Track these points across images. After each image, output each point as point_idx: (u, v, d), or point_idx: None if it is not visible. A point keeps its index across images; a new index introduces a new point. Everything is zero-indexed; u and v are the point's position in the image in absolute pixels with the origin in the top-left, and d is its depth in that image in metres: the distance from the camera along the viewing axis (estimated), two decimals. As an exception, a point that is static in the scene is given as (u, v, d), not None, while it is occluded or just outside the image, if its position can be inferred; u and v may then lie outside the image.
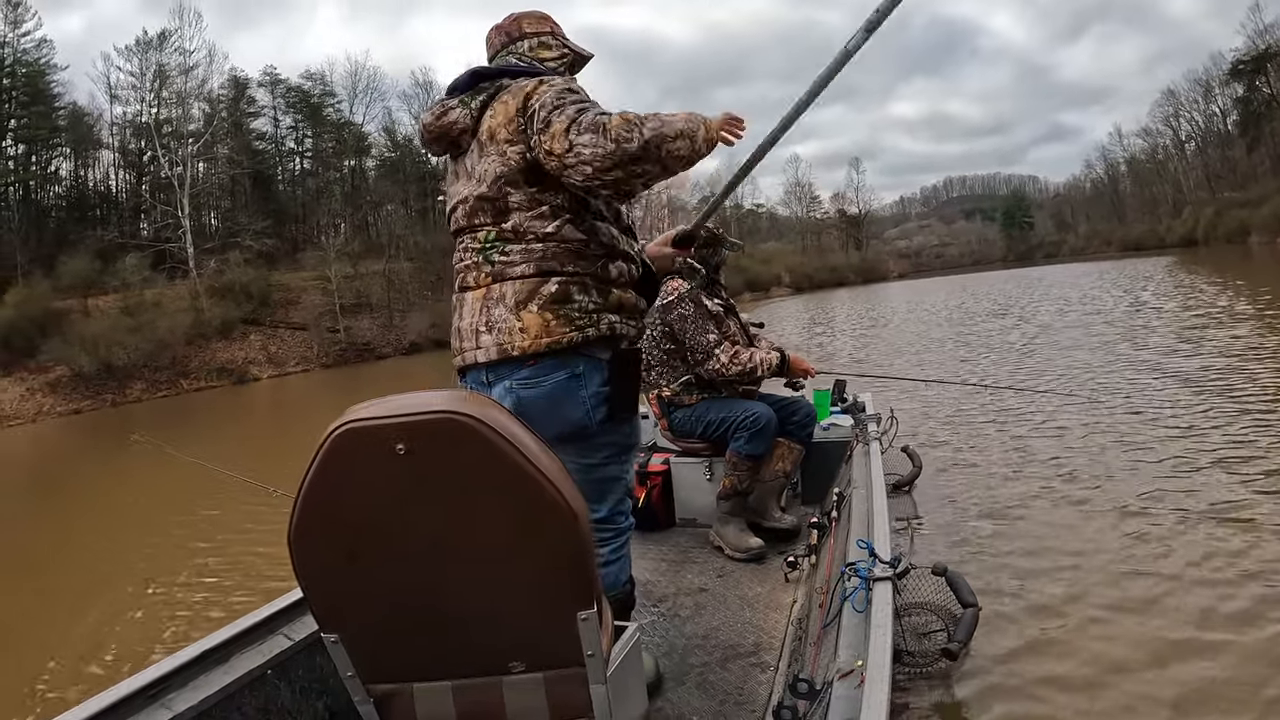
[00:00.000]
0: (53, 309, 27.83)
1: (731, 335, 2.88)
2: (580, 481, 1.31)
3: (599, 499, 1.58)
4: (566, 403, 1.47)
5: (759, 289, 50.96)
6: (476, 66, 1.61)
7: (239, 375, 29.15)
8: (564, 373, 1.46)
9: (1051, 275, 29.69)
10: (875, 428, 3.08)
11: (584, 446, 1.53)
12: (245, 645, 1.53)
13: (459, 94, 1.59)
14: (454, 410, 1.07)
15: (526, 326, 1.44)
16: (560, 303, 1.46)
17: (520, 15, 1.69)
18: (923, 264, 77.72)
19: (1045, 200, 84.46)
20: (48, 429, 21.99)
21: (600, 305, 1.49)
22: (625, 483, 1.64)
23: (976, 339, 11.42)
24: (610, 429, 1.53)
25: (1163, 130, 59.29)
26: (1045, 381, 6.80)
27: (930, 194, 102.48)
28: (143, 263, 31.57)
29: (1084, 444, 4.57)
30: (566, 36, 1.72)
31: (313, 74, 42.66)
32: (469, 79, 1.58)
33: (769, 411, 2.75)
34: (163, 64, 36.77)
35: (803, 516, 2.91)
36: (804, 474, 3.22)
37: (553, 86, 1.45)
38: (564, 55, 1.68)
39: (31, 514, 8.70)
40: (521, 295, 1.46)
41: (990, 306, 17.44)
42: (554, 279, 1.47)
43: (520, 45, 1.66)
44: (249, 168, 38.76)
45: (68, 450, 15.91)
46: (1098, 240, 64.80)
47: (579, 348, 1.46)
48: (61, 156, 36.94)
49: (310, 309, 32.89)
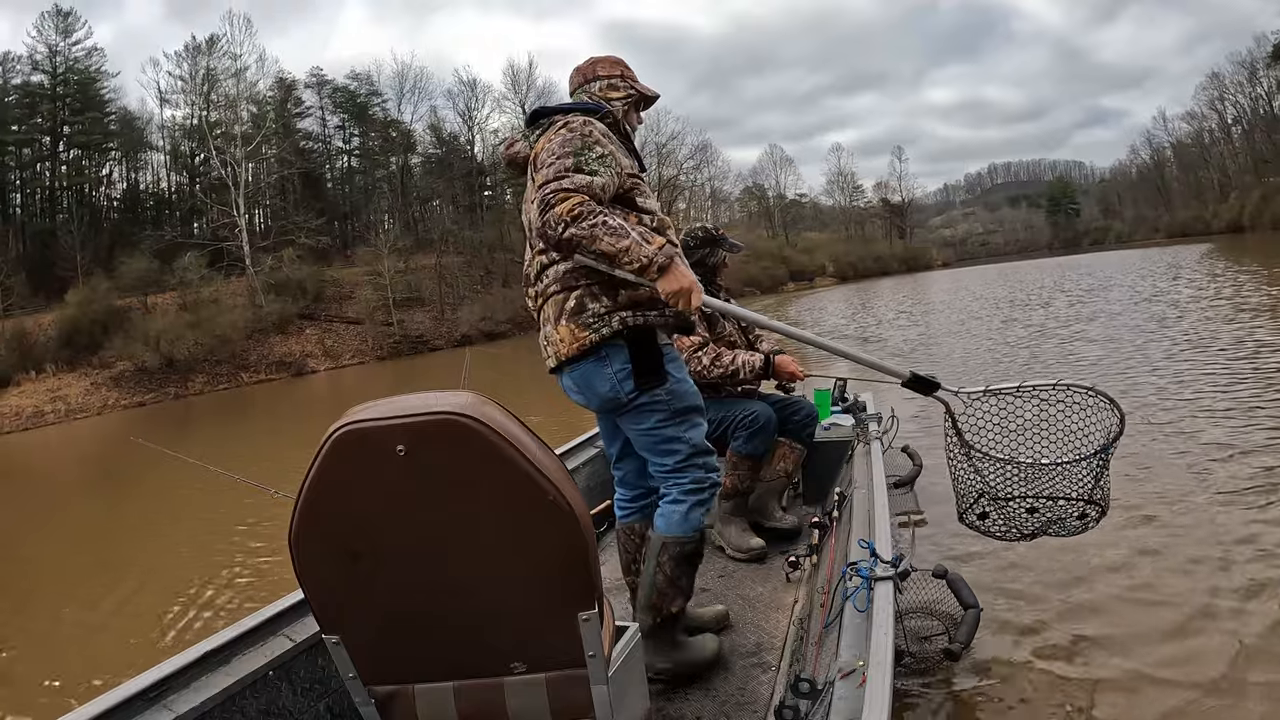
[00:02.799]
0: (114, 307, 29.39)
1: (726, 336, 2.87)
2: (644, 445, 1.83)
3: (662, 456, 1.82)
4: (597, 380, 1.75)
5: (803, 279, 51.16)
6: (537, 107, 1.90)
7: (297, 368, 30.31)
8: (593, 359, 1.74)
9: (1101, 263, 28.87)
10: (876, 427, 3.07)
11: (635, 415, 1.79)
12: (247, 646, 1.53)
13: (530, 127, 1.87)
14: (454, 411, 1.07)
15: (562, 338, 1.74)
16: (578, 313, 1.72)
17: (597, 60, 1.97)
18: (967, 252, 76.79)
19: (1091, 186, 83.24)
20: (113, 421, 23.02)
21: (611, 307, 1.71)
22: (689, 441, 1.81)
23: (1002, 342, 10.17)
24: (646, 397, 1.75)
25: (1208, 114, 57.08)
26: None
27: (974, 181, 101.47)
28: (200, 261, 32.71)
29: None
30: (635, 79, 1.97)
31: (358, 74, 44.09)
32: (531, 116, 1.87)
33: (768, 410, 2.75)
34: (212, 68, 37.99)
35: (804, 516, 2.91)
36: (805, 474, 3.21)
37: (558, 135, 1.69)
38: (629, 95, 1.93)
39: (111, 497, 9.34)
40: (556, 312, 1.75)
41: (1027, 298, 16.78)
42: (573, 294, 1.73)
43: (592, 85, 1.93)
44: (299, 167, 39.90)
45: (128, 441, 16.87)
46: (1144, 227, 63.37)
47: (599, 344, 1.72)
48: (114, 160, 38.50)
49: (364, 303, 33.93)
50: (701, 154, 53.75)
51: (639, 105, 1.98)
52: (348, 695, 1.28)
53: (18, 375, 26.55)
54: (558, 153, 1.65)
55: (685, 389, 1.81)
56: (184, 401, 26.24)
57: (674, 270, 1.58)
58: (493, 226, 40.06)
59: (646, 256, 1.55)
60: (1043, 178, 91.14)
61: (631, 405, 1.77)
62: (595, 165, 1.64)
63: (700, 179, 54.79)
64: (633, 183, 1.78)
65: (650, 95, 1.98)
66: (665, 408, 1.77)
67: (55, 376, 27.03)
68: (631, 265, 1.56)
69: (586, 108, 1.83)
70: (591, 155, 1.65)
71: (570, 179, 1.60)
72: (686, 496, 1.81)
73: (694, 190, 54.55)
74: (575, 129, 1.69)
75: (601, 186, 1.64)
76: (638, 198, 1.79)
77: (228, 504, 6.38)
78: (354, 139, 44.56)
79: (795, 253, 54.98)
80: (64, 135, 36.41)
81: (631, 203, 1.78)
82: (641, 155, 1.95)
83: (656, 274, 1.57)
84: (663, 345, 1.79)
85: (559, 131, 1.70)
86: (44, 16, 36.12)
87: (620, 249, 1.55)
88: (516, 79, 42.32)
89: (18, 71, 35.56)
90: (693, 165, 52.89)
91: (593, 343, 1.71)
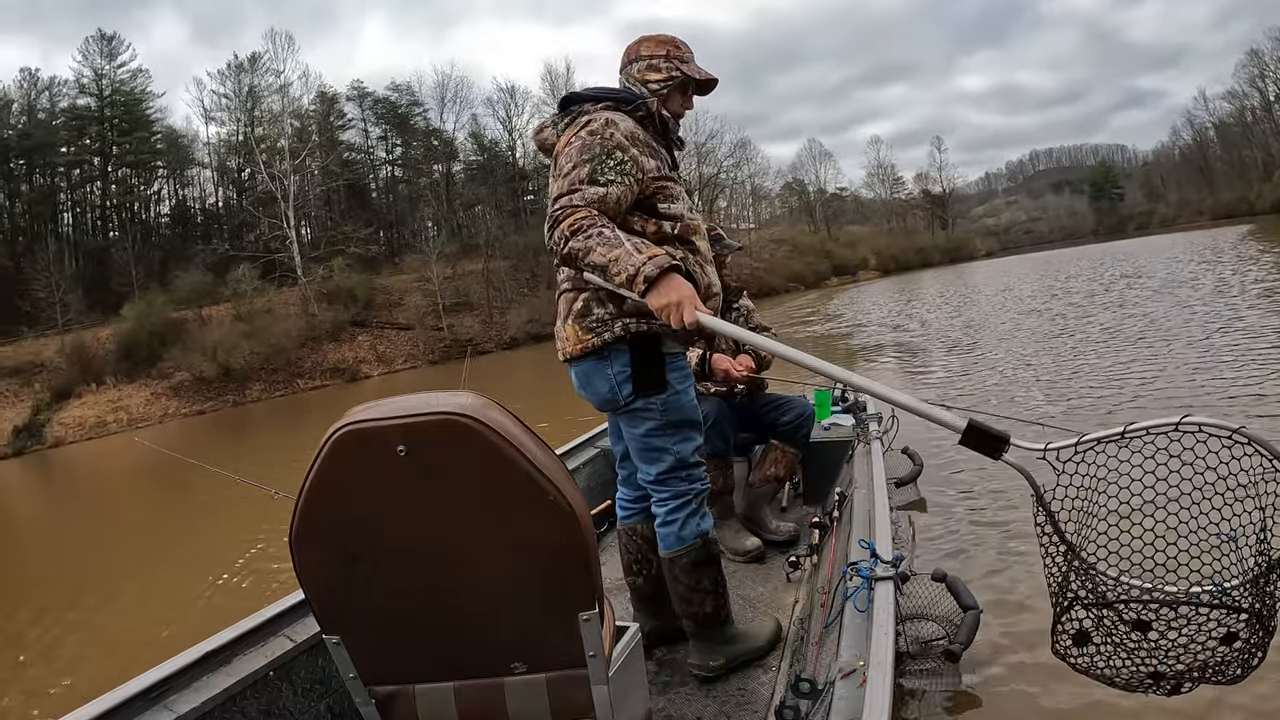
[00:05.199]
0: (170, 320, 30.93)
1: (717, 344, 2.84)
2: (634, 448, 1.82)
3: (648, 464, 1.82)
4: (597, 379, 1.75)
5: (845, 273, 51.10)
6: (569, 93, 1.83)
7: (351, 374, 31.33)
8: (595, 359, 1.75)
9: (1148, 248, 27.98)
10: (876, 427, 3.08)
11: (629, 418, 1.79)
12: (247, 647, 1.53)
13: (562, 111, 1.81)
14: (454, 411, 1.07)
15: (568, 337, 1.75)
16: (583, 316, 1.72)
17: (644, 39, 1.85)
18: (1011, 241, 75.27)
19: (1134, 170, 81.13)
20: (174, 429, 24.52)
21: (615, 313, 1.70)
22: (676, 454, 1.79)
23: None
24: (642, 403, 1.74)
25: (1249, 92, 55.70)
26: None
27: (1016, 168, 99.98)
28: (253, 272, 33.87)
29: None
30: (684, 59, 1.83)
31: (399, 85, 45.17)
32: (562, 102, 1.81)
33: (718, 407, 2.68)
34: (255, 85, 39.29)
35: (804, 516, 2.90)
36: (805, 474, 3.21)
37: (578, 138, 1.64)
38: (671, 78, 1.81)
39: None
40: (566, 310, 1.76)
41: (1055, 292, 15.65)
42: (581, 295, 1.72)
43: (632, 67, 1.83)
44: (344, 178, 41.17)
45: (194, 447, 17.58)
46: (1188, 210, 61.21)
47: (602, 347, 1.71)
48: (161, 178, 40.22)
49: (414, 309, 34.85)
50: (741, 151, 53.82)
51: (686, 89, 1.85)
52: (348, 695, 1.28)
53: (79, 387, 27.76)
54: (575, 160, 1.61)
55: (682, 402, 1.78)
56: (242, 409, 27.33)
57: (664, 284, 1.49)
58: (537, 230, 40.69)
59: (633, 267, 1.48)
60: (1085, 162, 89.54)
61: (627, 408, 1.76)
62: (611, 175, 1.60)
63: (740, 176, 54.91)
64: (657, 186, 1.72)
65: (697, 78, 1.84)
66: (659, 417, 1.76)
67: (115, 388, 28.20)
68: (619, 277, 1.50)
69: (617, 97, 1.75)
70: (609, 164, 1.61)
71: (582, 193, 1.57)
72: (674, 514, 1.81)
73: (734, 188, 54.64)
74: (596, 131, 1.64)
75: (616, 199, 1.60)
76: (660, 203, 1.73)
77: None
78: (396, 149, 45.84)
79: (837, 247, 54.82)
80: (113, 155, 38.11)
81: (653, 209, 1.72)
82: (682, 147, 1.89)
83: (644, 285, 1.48)
84: (669, 353, 1.75)
85: (580, 133, 1.65)
86: (89, 41, 37.94)
87: (610, 259, 1.50)
88: (555, 84, 42.50)
89: (64, 95, 37.42)
90: (732, 163, 52.99)
91: (595, 346, 1.71)
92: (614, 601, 1.53)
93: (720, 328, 1.55)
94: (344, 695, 1.44)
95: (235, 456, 13.08)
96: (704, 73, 1.85)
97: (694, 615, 1.88)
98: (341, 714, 1.59)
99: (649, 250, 1.52)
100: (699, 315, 1.50)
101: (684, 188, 1.84)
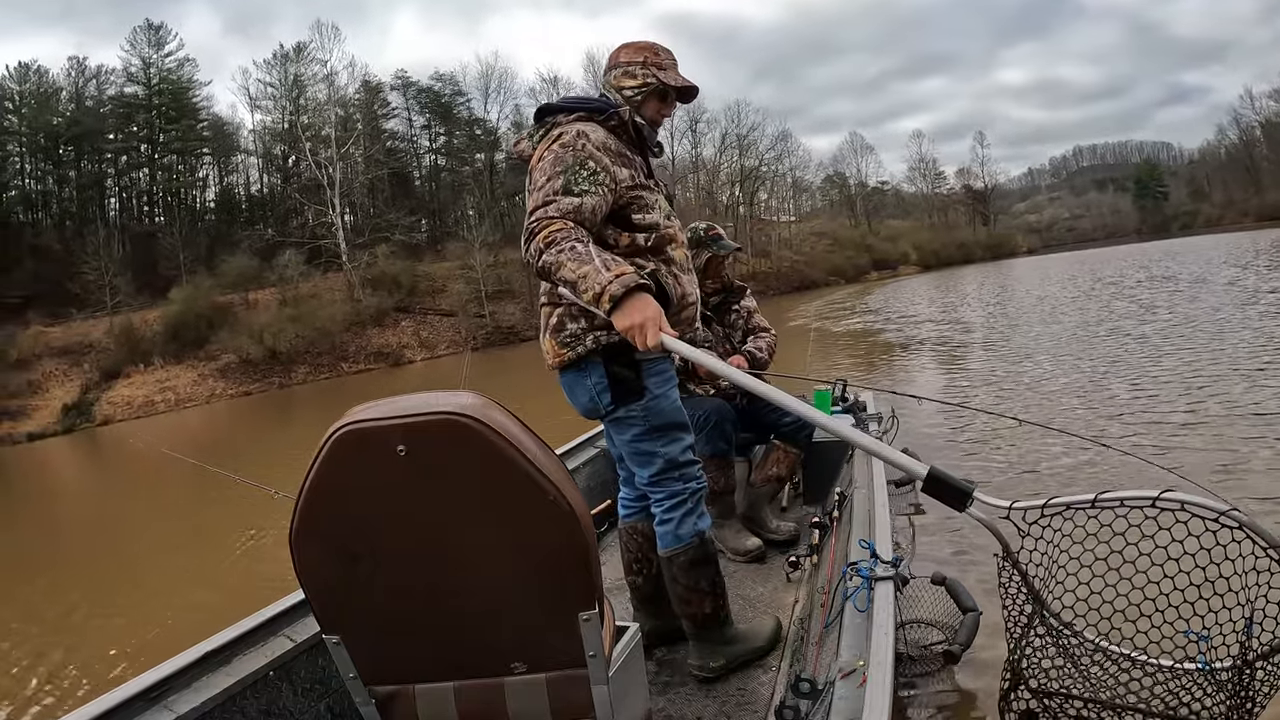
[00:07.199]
0: (217, 303, 31.79)
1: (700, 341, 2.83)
2: (626, 453, 1.84)
3: (641, 467, 1.84)
4: (578, 390, 1.78)
5: (886, 268, 51.00)
6: (543, 104, 1.81)
7: (394, 358, 31.95)
8: (574, 370, 1.77)
9: (1194, 248, 27.17)
10: (876, 427, 3.08)
11: (615, 425, 1.82)
12: (247, 647, 1.53)
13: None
14: (454, 411, 1.07)
15: (548, 350, 1.78)
16: (558, 331, 1.74)
17: (625, 45, 1.85)
18: (1053, 238, 74.55)
19: (1179, 168, 79.15)
20: (220, 409, 25.39)
21: (587, 327, 1.70)
22: (665, 455, 1.81)
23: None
24: (624, 411, 1.76)
25: None
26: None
27: (1059, 164, 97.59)
28: (298, 258, 34.83)
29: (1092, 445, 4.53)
30: (663, 66, 1.82)
31: (442, 75, 46.39)
32: (537, 113, 1.80)
33: (720, 408, 2.68)
34: (300, 74, 40.26)
35: (804, 516, 2.90)
36: (805, 474, 3.21)
37: (551, 151, 1.64)
38: (646, 85, 1.80)
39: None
40: (544, 324, 1.79)
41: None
42: (556, 310, 1.74)
43: (610, 74, 1.84)
44: (389, 166, 41.96)
45: (238, 427, 18.66)
46: (1233, 210, 60.56)
47: (577, 361, 1.73)
48: (208, 165, 41.49)
49: (456, 296, 35.55)
50: (782, 144, 53.77)
51: (665, 96, 1.83)
52: (348, 695, 1.28)
53: (127, 368, 28.77)
54: (548, 173, 1.61)
55: (664, 406, 1.78)
56: (287, 391, 28.17)
57: (629, 304, 1.47)
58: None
59: (599, 285, 1.46)
60: (1129, 159, 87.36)
61: (610, 417, 1.78)
62: (585, 184, 1.60)
63: (781, 169, 54.94)
64: (631, 196, 1.71)
65: (679, 86, 1.82)
66: (642, 423, 1.77)
67: (163, 369, 29.13)
68: (586, 294, 1.48)
69: (590, 107, 1.74)
70: (583, 174, 1.60)
71: (557, 204, 1.57)
72: (671, 513, 1.83)
73: (775, 180, 54.73)
74: (568, 144, 1.64)
75: (591, 208, 1.60)
76: (634, 213, 1.72)
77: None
78: (439, 138, 47.06)
79: (878, 241, 54.84)
80: (160, 142, 39.53)
81: (626, 220, 1.71)
82: (661, 154, 1.89)
83: (609, 304, 1.46)
84: (646, 360, 1.73)
85: (552, 146, 1.65)
86: (136, 31, 39.49)
87: (579, 275, 1.48)
88: (597, 74, 42.22)
89: (111, 83, 38.89)
90: (774, 156, 52.97)
91: (570, 360, 1.73)
92: (614, 601, 1.53)
93: (683, 351, 1.52)
94: (344, 695, 1.44)
95: (283, 439, 13.49)
96: (681, 80, 1.82)
97: (693, 616, 1.89)
98: (341, 714, 1.59)
99: (617, 268, 1.49)
100: (663, 338, 1.48)
101: (664, 193, 1.82)
